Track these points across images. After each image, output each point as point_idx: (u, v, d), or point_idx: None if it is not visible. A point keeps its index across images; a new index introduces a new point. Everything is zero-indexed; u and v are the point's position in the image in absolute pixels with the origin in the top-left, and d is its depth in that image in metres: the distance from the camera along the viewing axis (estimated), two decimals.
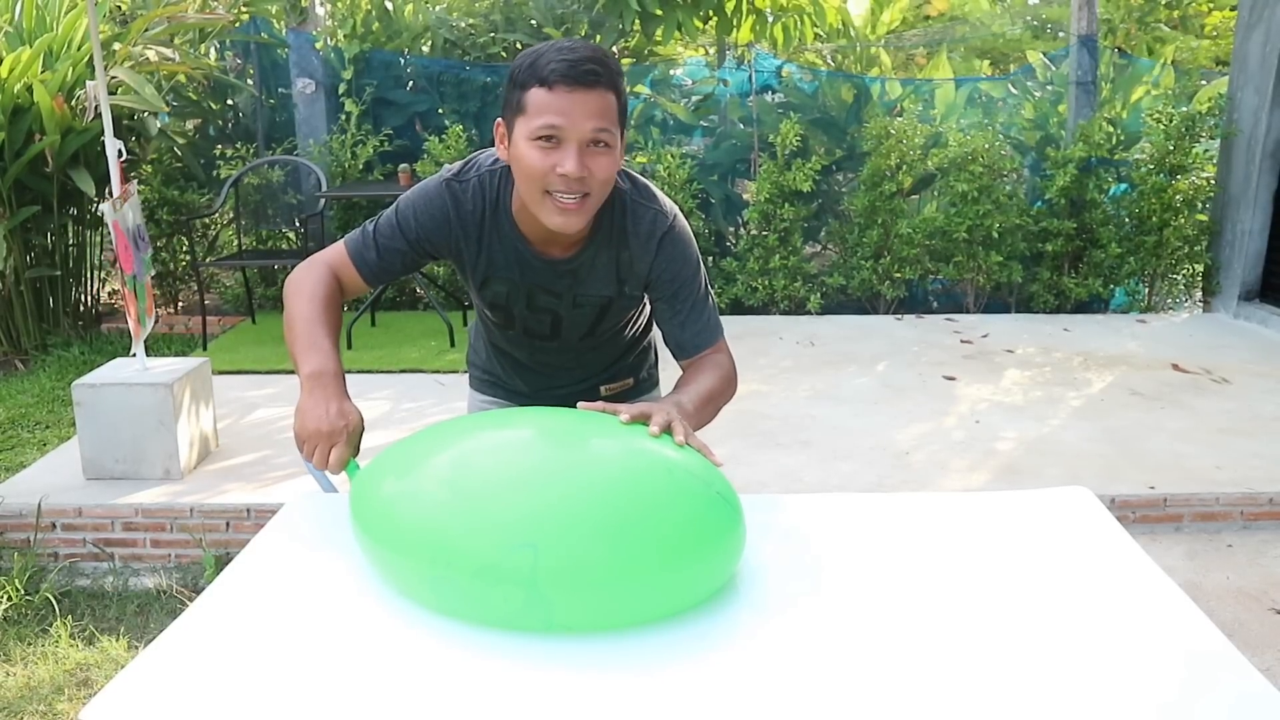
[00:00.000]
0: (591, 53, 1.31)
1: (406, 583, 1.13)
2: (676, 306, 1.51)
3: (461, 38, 5.83)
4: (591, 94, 1.30)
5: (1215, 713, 0.96)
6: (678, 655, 1.05)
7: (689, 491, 1.12)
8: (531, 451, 1.19)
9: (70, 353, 4.79)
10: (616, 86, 1.33)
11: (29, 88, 4.44)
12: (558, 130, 1.30)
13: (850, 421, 3.77)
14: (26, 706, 2.27)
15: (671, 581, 1.08)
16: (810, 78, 6.09)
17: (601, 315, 1.58)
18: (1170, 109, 5.30)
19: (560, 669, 1.02)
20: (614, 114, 1.33)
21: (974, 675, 1.02)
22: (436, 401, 3.98)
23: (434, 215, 1.47)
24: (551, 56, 1.30)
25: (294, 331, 1.42)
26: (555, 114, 1.29)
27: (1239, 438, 3.53)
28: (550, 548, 1.04)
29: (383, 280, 1.55)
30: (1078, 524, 1.35)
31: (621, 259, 1.50)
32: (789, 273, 5.35)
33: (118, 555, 3.01)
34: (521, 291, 1.54)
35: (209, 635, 1.09)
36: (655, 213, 1.49)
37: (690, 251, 1.52)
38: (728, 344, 1.56)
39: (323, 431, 1.29)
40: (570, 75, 1.28)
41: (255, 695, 0.99)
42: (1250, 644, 2.46)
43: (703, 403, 1.42)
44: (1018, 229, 5.35)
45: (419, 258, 1.52)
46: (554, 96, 1.29)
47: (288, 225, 5.94)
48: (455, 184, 1.48)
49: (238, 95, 5.99)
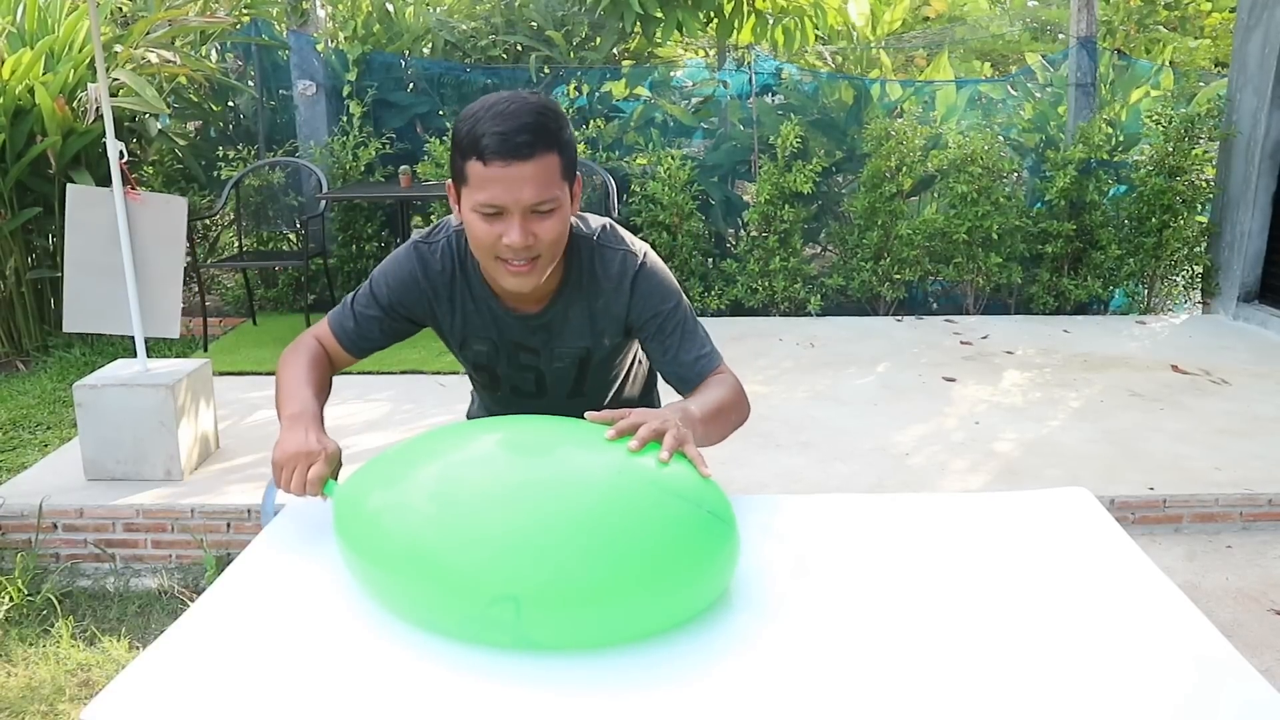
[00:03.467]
0: (527, 118, 1.27)
1: (388, 598, 1.12)
2: (665, 342, 1.48)
3: (462, 40, 5.84)
4: (529, 164, 1.27)
5: (1214, 714, 0.96)
6: (674, 660, 1.04)
7: (678, 516, 1.09)
8: (515, 471, 1.16)
9: (71, 354, 4.80)
10: (559, 143, 1.30)
11: (31, 89, 4.44)
12: (498, 205, 1.29)
13: (850, 422, 3.77)
14: (28, 707, 2.27)
15: (659, 605, 1.06)
16: (810, 79, 6.09)
17: (583, 370, 1.56)
18: (1169, 110, 5.30)
19: (548, 685, 1.01)
20: (555, 175, 1.30)
21: (974, 676, 1.02)
22: (437, 403, 3.99)
23: (403, 279, 1.48)
24: (486, 127, 1.26)
25: (279, 391, 1.45)
26: (494, 188, 1.28)
27: (1238, 439, 3.54)
28: (532, 580, 1.02)
29: (364, 350, 1.55)
30: (1077, 525, 1.36)
31: (595, 308, 1.48)
32: (789, 274, 5.36)
33: (119, 556, 3.02)
34: (502, 351, 1.54)
35: (209, 636, 1.09)
36: (624, 254, 1.47)
37: (666, 285, 1.49)
38: (730, 369, 1.52)
39: (301, 452, 1.28)
40: (503, 151, 1.26)
41: (255, 696, 0.99)
42: (1249, 645, 2.46)
43: (712, 413, 1.38)
44: (1017, 230, 5.36)
45: (397, 323, 1.52)
46: (490, 171, 1.27)
47: (288, 227, 5.95)
48: (424, 246, 1.48)
49: (239, 97, 6.00)
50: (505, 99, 1.30)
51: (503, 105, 1.28)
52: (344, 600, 1.16)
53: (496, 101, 1.29)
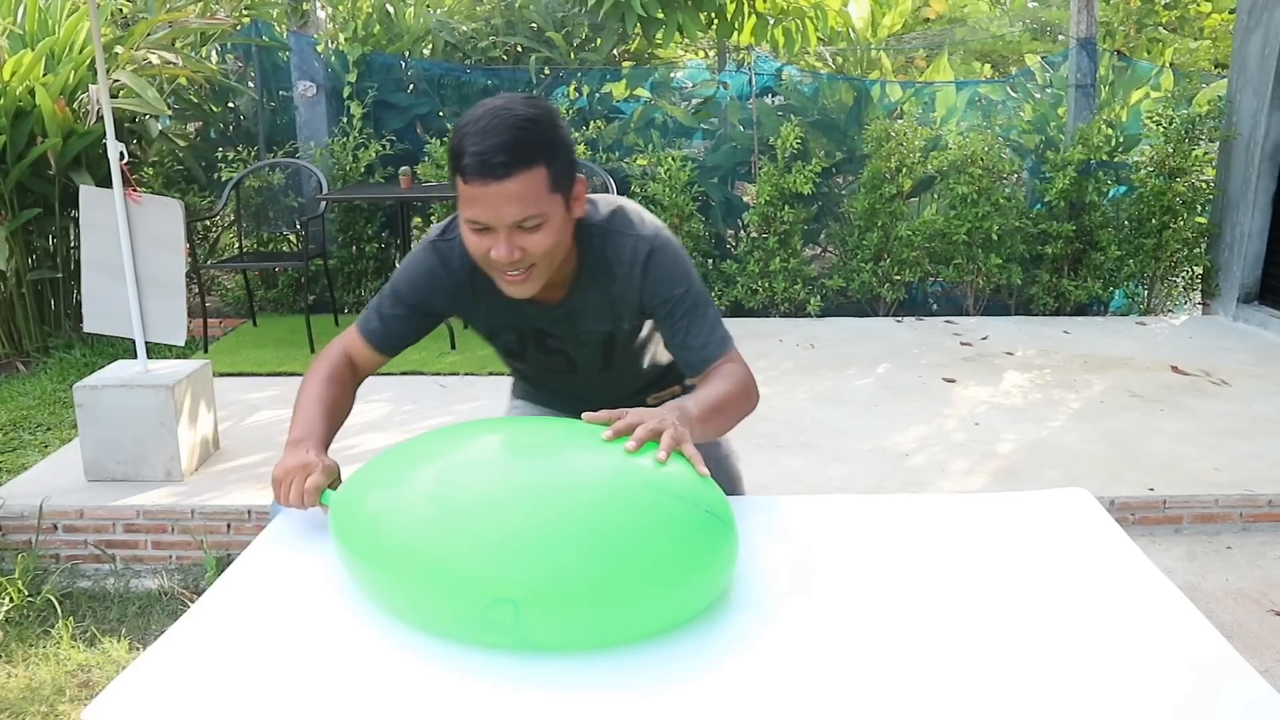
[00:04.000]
0: (508, 134, 1.25)
1: (385, 600, 1.12)
2: (675, 325, 1.48)
3: (462, 41, 5.84)
4: (509, 183, 1.26)
5: (1214, 715, 0.96)
6: (674, 662, 1.04)
7: (676, 517, 1.09)
8: (513, 473, 1.16)
9: (72, 355, 4.80)
10: (544, 155, 1.28)
11: (31, 91, 4.44)
12: (482, 222, 1.30)
13: (850, 423, 3.78)
14: (28, 708, 2.27)
15: (659, 606, 1.06)
16: (810, 80, 6.10)
17: (609, 350, 1.58)
18: (1169, 111, 5.31)
19: (547, 686, 1.00)
20: (541, 190, 1.29)
21: (975, 677, 1.02)
22: (437, 404, 3.99)
23: (424, 277, 1.50)
24: (469, 144, 1.26)
25: (296, 407, 1.46)
26: (476, 207, 1.28)
27: (1238, 439, 3.54)
28: (531, 581, 1.02)
29: (395, 348, 1.56)
30: (1077, 526, 1.36)
31: (612, 294, 1.49)
32: (789, 275, 5.36)
33: (119, 557, 3.02)
34: (529, 338, 1.56)
35: (210, 637, 1.09)
36: (634, 239, 1.46)
37: (679, 268, 1.48)
38: (741, 356, 1.52)
39: (297, 466, 1.30)
40: (482, 171, 1.25)
41: (256, 697, 0.99)
42: (1249, 646, 2.47)
43: (712, 409, 1.38)
44: (1017, 231, 5.36)
45: (425, 319, 1.54)
46: (472, 190, 1.27)
47: (289, 228, 5.95)
48: (441, 243, 1.49)
49: (239, 98, 6.00)
50: (490, 112, 1.28)
51: (485, 120, 1.27)
52: (344, 601, 1.16)
53: (483, 115, 1.28)
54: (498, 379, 4.10)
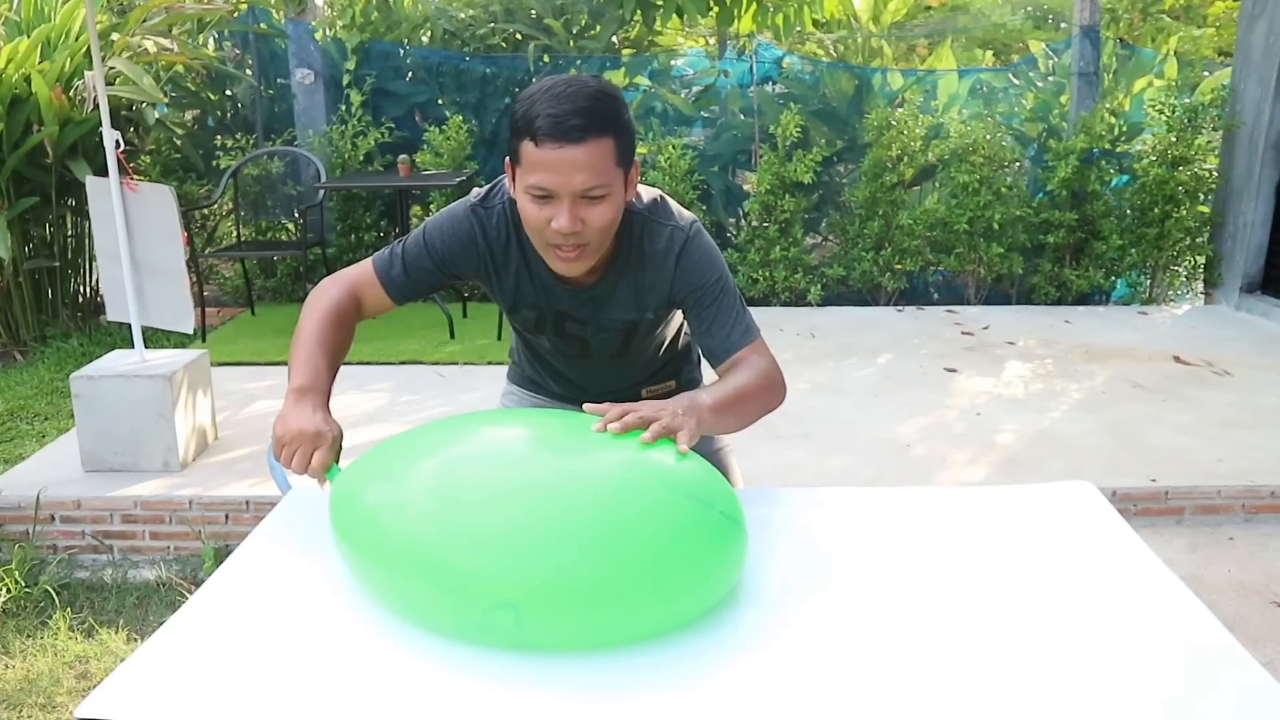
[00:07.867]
0: (584, 101, 1.26)
1: (385, 596, 1.11)
2: (702, 315, 1.49)
3: (461, 28, 5.81)
4: (580, 149, 1.26)
5: (1217, 706, 0.96)
6: (676, 657, 1.03)
7: (686, 517, 1.07)
8: (518, 468, 1.13)
9: (69, 344, 4.78)
10: (615, 127, 1.29)
11: (27, 78, 4.42)
12: (548, 189, 1.29)
13: (851, 414, 3.76)
14: (26, 699, 2.26)
15: (666, 606, 1.05)
16: (811, 69, 6.07)
17: (628, 339, 1.57)
18: (1173, 100, 5.28)
19: (552, 686, 0.99)
20: (609, 161, 1.29)
21: (977, 669, 1.01)
22: (436, 394, 3.97)
23: (460, 239, 1.48)
24: (542, 108, 1.26)
25: (297, 345, 1.43)
26: (545, 172, 1.27)
27: (1240, 430, 3.52)
28: (535, 581, 1.00)
29: (409, 298, 1.55)
30: (1081, 519, 1.35)
31: (642, 283, 1.49)
32: (789, 264, 5.34)
33: (116, 547, 3.01)
34: (549, 318, 1.55)
35: (208, 628, 1.09)
36: (671, 229, 1.47)
37: (709, 261, 1.49)
38: (768, 348, 1.52)
39: (307, 432, 1.28)
40: (556, 133, 1.25)
41: (254, 688, 0.99)
42: (1252, 637, 2.46)
43: (728, 401, 1.37)
44: (1019, 220, 5.34)
45: (444, 278, 1.53)
46: (543, 153, 1.26)
47: (287, 216, 5.93)
48: (481, 209, 1.48)
49: (236, 86, 5.97)
50: (564, 81, 1.29)
51: (560, 88, 1.28)
52: (343, 593, 1.15)
53: (555, 84, 1.29)
54: (497, 368, 4.08)
